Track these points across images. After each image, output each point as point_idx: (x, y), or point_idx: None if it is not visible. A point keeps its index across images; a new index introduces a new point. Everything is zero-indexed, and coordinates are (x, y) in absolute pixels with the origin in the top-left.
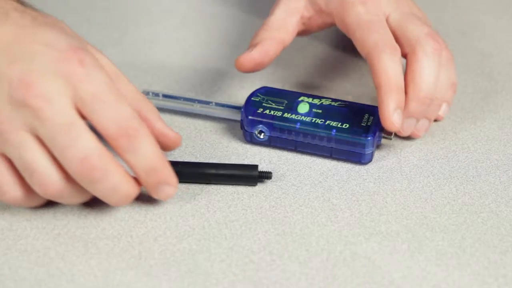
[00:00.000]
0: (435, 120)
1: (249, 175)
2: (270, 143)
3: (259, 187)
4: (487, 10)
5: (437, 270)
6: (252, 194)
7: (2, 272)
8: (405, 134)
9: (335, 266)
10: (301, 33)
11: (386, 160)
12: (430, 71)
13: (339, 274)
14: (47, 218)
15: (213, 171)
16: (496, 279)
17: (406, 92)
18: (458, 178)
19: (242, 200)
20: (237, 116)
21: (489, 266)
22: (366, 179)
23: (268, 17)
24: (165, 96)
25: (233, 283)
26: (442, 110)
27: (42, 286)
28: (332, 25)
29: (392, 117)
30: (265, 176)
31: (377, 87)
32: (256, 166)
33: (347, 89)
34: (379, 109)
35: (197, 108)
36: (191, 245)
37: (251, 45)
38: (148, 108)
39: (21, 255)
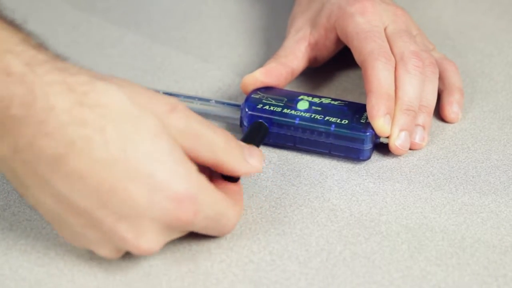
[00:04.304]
0: (412, 149)
1: None
2: (269, 139)
3: (259, 187)
4: (487, 10)
5: (437, 270)
6: (252, 194)
7: (3, 272)
8: (403, 148)
9: (335, 266)
10: (313, 60)
11: (386, 159)
12: (411, 87)
13: (339, 274)
14: None
15: None
16: (496, 279)
17: None
18: (458, 178)
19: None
20: (236, 114)
21: (489, 266)
22: (366, 179)
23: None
24: (165, 93)
25: (233, 283)
26: (419, 137)
27: (42, 286)
28: (339, 44)
29: (382, 120)
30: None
31: (367, 93)
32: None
33: (347, 89)
34: (368, 115)
35: (197, 106)
36: (191, 245)
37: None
38: (230, 161)
39: (21, 255)
